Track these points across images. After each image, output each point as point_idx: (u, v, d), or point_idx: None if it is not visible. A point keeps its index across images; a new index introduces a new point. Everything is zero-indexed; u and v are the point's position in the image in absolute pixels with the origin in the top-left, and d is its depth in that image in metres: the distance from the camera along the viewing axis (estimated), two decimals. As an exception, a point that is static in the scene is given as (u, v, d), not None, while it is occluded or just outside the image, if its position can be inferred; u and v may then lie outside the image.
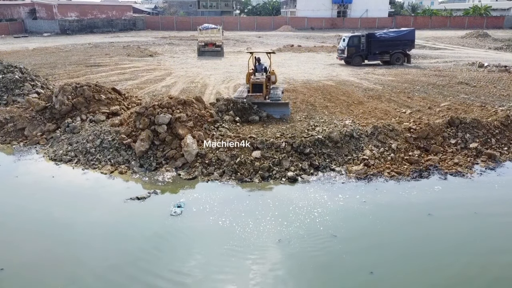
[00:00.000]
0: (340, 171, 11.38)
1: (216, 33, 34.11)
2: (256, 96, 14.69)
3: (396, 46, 28.28)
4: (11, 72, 18.16)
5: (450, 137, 12.90)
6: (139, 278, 7.19)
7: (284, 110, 14.46)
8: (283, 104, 14.71)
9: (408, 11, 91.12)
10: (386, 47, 28.21)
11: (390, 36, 28.32)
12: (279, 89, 16.68)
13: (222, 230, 8.72)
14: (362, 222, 9.04)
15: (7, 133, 14.18)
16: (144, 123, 12.45)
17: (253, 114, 14.12)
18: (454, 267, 7.57)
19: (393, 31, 29.80)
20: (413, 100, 17.52)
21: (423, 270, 7.47)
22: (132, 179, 11.10)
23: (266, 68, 16.55)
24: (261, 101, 14.58)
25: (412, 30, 29.11)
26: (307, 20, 72.66)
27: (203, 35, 34.16)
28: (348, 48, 27.94)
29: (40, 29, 60.31)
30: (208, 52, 33.82)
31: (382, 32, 29.22)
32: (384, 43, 28.15)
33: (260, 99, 14.61)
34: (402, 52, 28.40)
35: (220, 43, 34.13)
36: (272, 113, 14.32)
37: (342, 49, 28.43)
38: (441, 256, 7.86)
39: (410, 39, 28.54)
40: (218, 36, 34.00)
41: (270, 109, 14.43)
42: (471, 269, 7.54)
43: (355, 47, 27.97)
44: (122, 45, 42.21)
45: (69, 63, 28.75)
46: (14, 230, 8.74)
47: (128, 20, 70.61)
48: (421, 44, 41.68)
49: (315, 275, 7.34)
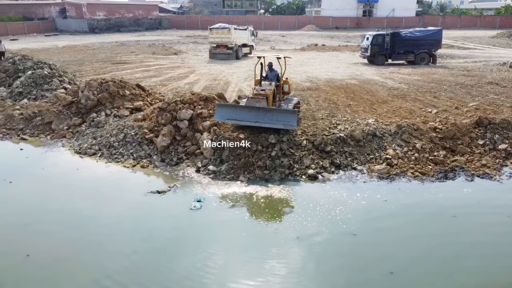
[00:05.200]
0: (362, 170, 11.18)
1: (227, 34, 29.85)
2: (258, 99, 12.13)
3: (422, 46, 27.49)
4: (40, 68, 18.75)
5: (477, 138, 12.48)
6: (159, 271, 7.27)
7: (289, 119, 11.66)
8: (290, 112, 11.96)
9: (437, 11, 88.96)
10: (411, 46, 27.47)
11: (415, 35, 27.60)
12: (293, 101, 13.52)
13: (240, 225, 8.71)
14: (383, 221, 8.85)
15: (35, 126, 14.62)
16: (166, 118, 12.59)
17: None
18: (478, 271, 7.31)
19: (419, 30, 29.05)
20: (440, 99, 17.05)
21: (446, 273, 7.24)
22: (153, 173, 11.24)
23: (279, 76, 13.28)
24: (263, 106, 11.94)
25: (439, 30, 28.31)
26: (331, 20, 71.92)
27: (214, 36, 30.38)
28: (372, 47, 27.36)
29: (70, 27, 62.02)
30: (220, 54, 30.36)
31: (408, 31, 28.50)
32: (409, 42, 27.41)
33: (262, 104, 12.01)
34: (428, 52, 27.67)
35: (232, 45, 30.13)
36: (275, 122, 11.62)
37: (366, 48, 27.92)
38: (465, 260, 7.61)
39: (436, 39, 27.72)
40: (229, 37, 29.89)
41: (273, 117, 11.70)
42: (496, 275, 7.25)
43: (379, 46, 27.39)
44: (147, 44, 42.90)
45: (96, 60, 29.43)
46: (40, 219, 8.98)
47: (154, 20, 71.75)
48: (449, 43, 40.58)
49: (333, 274, 7.23)
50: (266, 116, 11.76)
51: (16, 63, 19.89)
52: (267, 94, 12.29)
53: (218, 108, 12.29)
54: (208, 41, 31.49)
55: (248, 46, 32.91)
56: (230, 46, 30.10)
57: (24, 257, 7.53)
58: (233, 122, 12.08)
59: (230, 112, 12.11)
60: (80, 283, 6.98)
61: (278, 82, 13.23)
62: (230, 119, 12.03)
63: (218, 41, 30.20)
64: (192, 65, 27.65)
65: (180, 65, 27.58)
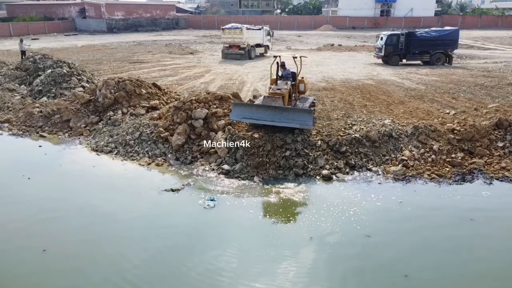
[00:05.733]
0: (377, 171, 11.05)
1: (239, 34, 29.46)
2: (275, 98, 12.19)
3: (438, 46, 26.92)
4: (60, 67, 19.12)
5: (497, 140, 12.19)
6: (171, 269, 7.32)
7: (305, 119, 11.65)
8: (306, 112, 12.01)
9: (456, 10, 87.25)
10: (427, 47, 26.94)
11: (431, 35, 27.05)
12: (308, 100, 13.68)
13: (253, 225, 8.71)
14: (398, 223, 8.73)
15: (53, 124, 14.91)
16: (181, 117, 12.68)
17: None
18: (495, 277, 7.14)
19: (435, 30, 28.49)
20: (458, 101, 16.72)
21: (461, 277, 7.10)
22: (168, 172, 11.34)
23: (294, 74, 13.40)
24: (279, 106, 11.99)
25: (456, 30, 27.71)
26: (348, 20, 71.26)
27: (226, 36, 30.12)
28: (386, 47, 26.96)
29: (89, 27, 63.04)
30: (232, 55, 30.10)
31: (424, 31, 27.98)
32: (425, 42, 26.87)
33: (278, 103, 12.05)
34: (444, 53, 27.12)
35: (244, 46, 29.66)
36: (291, 122, 11.62)
37: (380, 48, 27.58)
38: (481, 264, 7.45)
39: (453, 39, 27.13)
40: (241, 37, 29.52)
41: (288, 116, 11.69)
42: (515, 279, 7.09)
43: (393, 46, 26.97)
44: (164, 43, 43.29)
45: (114, 59, 29.84)
46: (56, 215, 9.14)
47: (171, 19, 72.34)
48: (469, 44, 39.77)
49: (346, 276, 7.16)
50: (282, 115, 11.73)
51: (36, 62, 20.34)
52: (283, 93, 12.30)
53: (234, 107, 12.33)
54: (221, 41, 31.43)
55: (263, 46, 32.53)
56: (242, 47, 29.78)
57: (40, 252, 7.69)
58: (249, 121, 12.13)
59: (246, 111, 12.13)
60: (92, 279, 7.07)
61: (294, 81, 13.21)
62: (246, 118, 12.06)
63: (230, 41, 30.03)
64: (207, 65, 27.78)
65: (196, 65, 27.74)
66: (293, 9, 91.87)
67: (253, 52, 31.02)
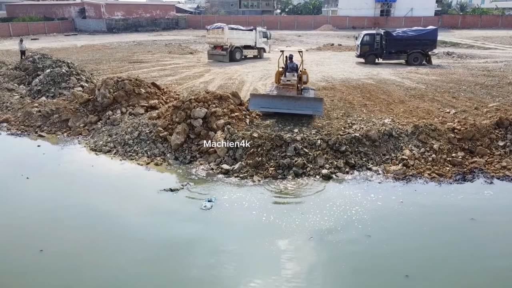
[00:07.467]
0: (377, 170, 10.99)
1: (221, 34, 27.66)
2: (288, 89, 13.75)
3: (415, 45, 26.83)
4: (59, 66, 19.08)
5: (498, 139, 12.13)
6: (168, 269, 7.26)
7: (317, 106, 13.21)
8: (317, 100, 13.61)
9: (456, 10, 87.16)
10: (404, 46, 26.92)
11: (408, 35, 27.05)
12: (310, 90, 15.52)
13: (252, 225, 8.65)
14: (398, 223, 8.67)
15: (52, 123, 14.85)
16: (180, 116, 12.62)
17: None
18: (497, 276, 7.08)
19: (413, 30, 28.43)
20: (459, 100, 16.66)
21: (462, 277, 7.04)
22: (167, 171, 11.28)
23: (298, 67, 15.25)
24: (293, 95, 13.70)
25: (434, 29, 27.65)
26: (348, 19, 71.17)
27: (210, 36, 28.44)
28: (362, 46, 27.34)
29: (89, 27, 62.96)
30: (216, 56, 28.60)
31: (401, 30, 28.19)
32: (402, 42, 26.88)
33: (292, 93, 13.69)
34: (421, 52, 26.96)
35: (227, 46, 27.88)
36: (304, 109, 13.18)
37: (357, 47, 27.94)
38: (482, 264, 7.39)
39: (431, 39, 27.05)
40: (222, 37, 27.71)
41: (302, 104, 13.28)
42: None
43: (369, 45, 27.21)
44: (164, 43, 43.22)
45: (114, 59, 29.78)
46: (55, 215, 9.08)
47: (171, 19, 72.25)
48: (469, 43, 39.71)
49: (347, 276, 7.10)
50: (296, 104, 13.24)
51: (35, 62, 20.30)
52: (294, 84, 13.90)
53: (252, 98, 13.65)
54: (205, 41, 29.99)
55: (255, 49, 30.18)
56: (225, 47, 28.00)
57: (37, 252, 7.63)
58: (266, 110, 13.40)
59: (263, 102, 13.48)
60: (90, 279, 7.02)
61: (297, 73, 14.83)
62: (263, 107, 13.38)
63: (214, 42, 28.55)
64: (207, 64, 27.70)
65: (195, 64, 27.67)
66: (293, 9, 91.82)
67: (239, 54, 29.03)
